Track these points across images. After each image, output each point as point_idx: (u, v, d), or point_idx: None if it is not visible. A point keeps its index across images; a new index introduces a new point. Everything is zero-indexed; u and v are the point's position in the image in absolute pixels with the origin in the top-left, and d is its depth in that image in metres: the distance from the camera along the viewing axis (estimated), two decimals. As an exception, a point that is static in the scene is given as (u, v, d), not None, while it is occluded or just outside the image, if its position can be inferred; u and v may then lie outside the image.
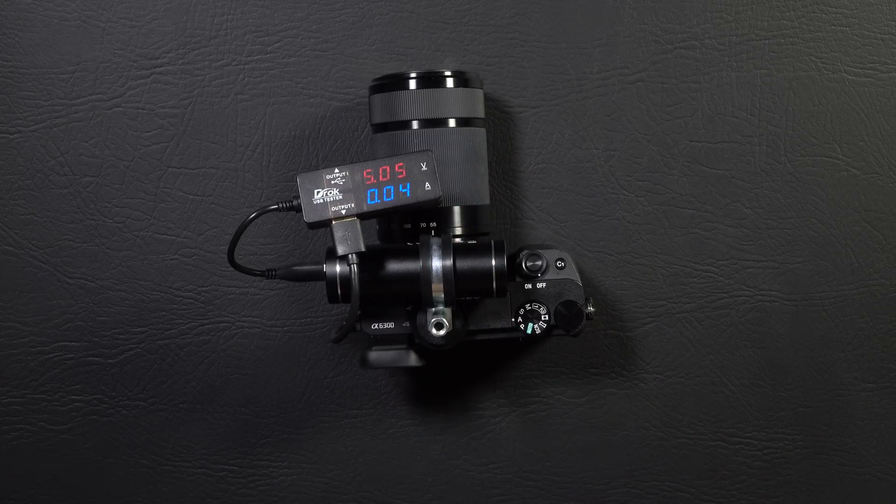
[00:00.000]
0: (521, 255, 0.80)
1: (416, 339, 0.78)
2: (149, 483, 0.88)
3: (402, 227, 0.78)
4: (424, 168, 0.75)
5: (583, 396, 0.87)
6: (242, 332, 0.87)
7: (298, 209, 0.75)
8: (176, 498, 0.88)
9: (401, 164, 0.75)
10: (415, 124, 0.78)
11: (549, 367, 0.88)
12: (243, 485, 0.88)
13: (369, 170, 0.75)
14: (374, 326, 0.79)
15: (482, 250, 0.76)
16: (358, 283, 0.73)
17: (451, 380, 0.88)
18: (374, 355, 0.79)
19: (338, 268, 0.76)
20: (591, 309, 0.80)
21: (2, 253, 0.87)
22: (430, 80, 0.79)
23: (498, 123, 0.86)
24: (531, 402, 0.88)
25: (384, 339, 0.79)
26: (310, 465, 0.89)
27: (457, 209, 0.79)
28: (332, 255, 0.76)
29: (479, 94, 0.81)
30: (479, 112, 0.81)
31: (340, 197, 0.74)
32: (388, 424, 0.88)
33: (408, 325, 0.79)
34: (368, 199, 0.74)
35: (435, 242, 0.76)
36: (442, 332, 0.76)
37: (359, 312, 0.77)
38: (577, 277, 0.80)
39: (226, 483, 0.88)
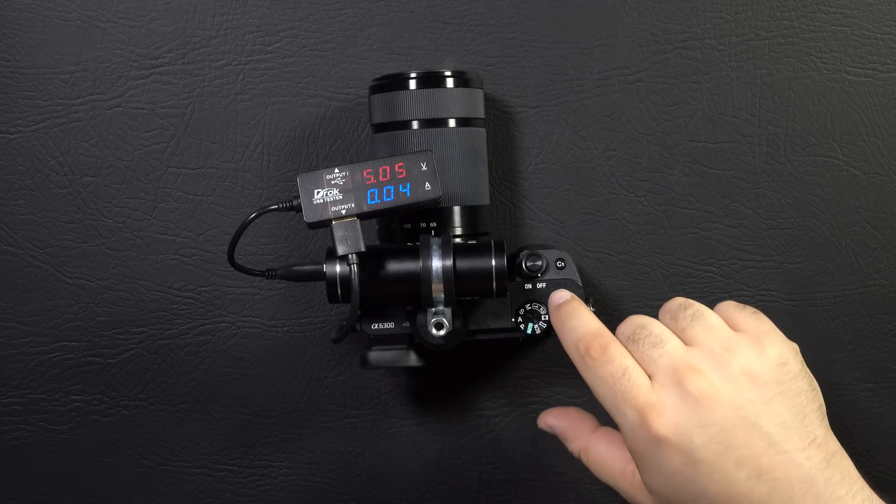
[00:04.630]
0: (521, 255, 0.80)
1: (416, 339, 0.78)
2: (149, 483, 0.88)
3: (402, 227, 0.78)
4: (424, 168, 0.75)
5: (582, 396, 0.87)
6: (242, 332, 0.87)
7: (298, 209, 0.75)
8: (176, 498, 0.88)
9: (401, 164, 0.75)
10: (415, 124, 0.78)
11: (549, 367, 0.88)
12: (243, 485, 0.88)
13: (369, 170, 0.75)
14: (374, 326, 0.79)
15: (482, 250, 0.76)
16: (358, 283, 0.73)
17: (451, 380, 0.88)
18: (374, 355, 0.79)
19: (338, 268, 0.76)
20: (591, 309, 0.80)
21: (2, 253, 0.87)
22: (430, 80, 0.79)
23: (498, 123, 0.86)
24: (531, 402, 0.88)
25: (384, 339, 0.79)
26: (310, 465, 0.89)
27: (457, 209, 0.79)
28: (332, 255, 0.76)
29: (479, 94, 0.81)
30: (479, 112, 0.81)
31: (340, 197, 0.74)
32: (388, 424, 0.88)
33: (408, 325, 0.79)
34: (368, 199, 0.74)
35: (435, 242, 0.76)
36: (442, 332, 0.76)
37: (359, 312, 0.77)
38: (577, 277, 0.80)
39: (226, 483, 0.88)
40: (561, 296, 0.76)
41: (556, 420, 0.77)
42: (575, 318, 0.72)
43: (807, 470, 0.65)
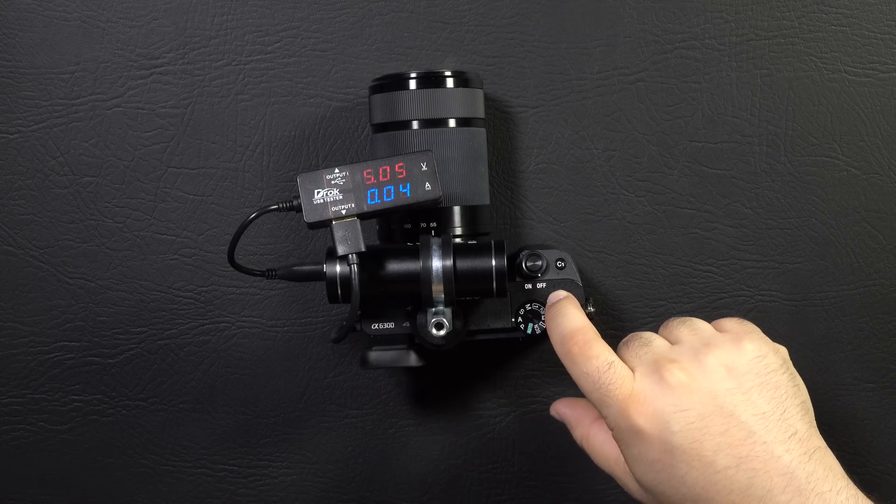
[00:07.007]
0: (521, 255, 0.80)
1: (416, 339, 0.78)
2: (149, 483, 0.88)
3: (402, 227, 0.78)
4: (424, 168, 0.75)
5: (583, 396, 0.87)
6: (242, 332, 0.87)
7: (298, 209, 0.75)
8: (176, 498, 0.88)
9: (401, 164, 0.75)
10: (415, 124, 0.78)
11: (549, 367, 0.88)
12: (243, 485, 0.88)
13: (369, 170, 0.75)
14: (374, 326, 0.79)
15: (482, 250, 0.76)
16: (358, 283, 0.74)
17: (451, 380, 0.88)
18: (374, 355, 0.79)
19: (338, 268, 0.76)
20: (591, 309, 0.80)
21: (2, 253, 0.87)
22: (430, 80, 0.79)
23: (498, 123, 0.86)
24: (531, 402, 0.88)
25: (384, 339, 0.79)
26: (310, 465, 0.89)
27: (457, 209, 0.79)
28: (332, 255, 0.76)
29: (479, 94, 0.81)
30: (479, 112, 0.81)
31: (340, 197, 0.74)
32: (388, 424, 0.88)
33: (408, 325, 0.79)
34: (368, 199, 0.74)
35: (435, 242, 0.76)
36: (442, 332, 0.76)
37: (359, 312, 0.77)
38: (577, 277, 0.80)
39: (226, 483, 0.88)
40: (556, 296, 0.77)
41: (565, 409, 0.79)
42: (562, 316, 0.73)
43: (786, 462, 0.65)
